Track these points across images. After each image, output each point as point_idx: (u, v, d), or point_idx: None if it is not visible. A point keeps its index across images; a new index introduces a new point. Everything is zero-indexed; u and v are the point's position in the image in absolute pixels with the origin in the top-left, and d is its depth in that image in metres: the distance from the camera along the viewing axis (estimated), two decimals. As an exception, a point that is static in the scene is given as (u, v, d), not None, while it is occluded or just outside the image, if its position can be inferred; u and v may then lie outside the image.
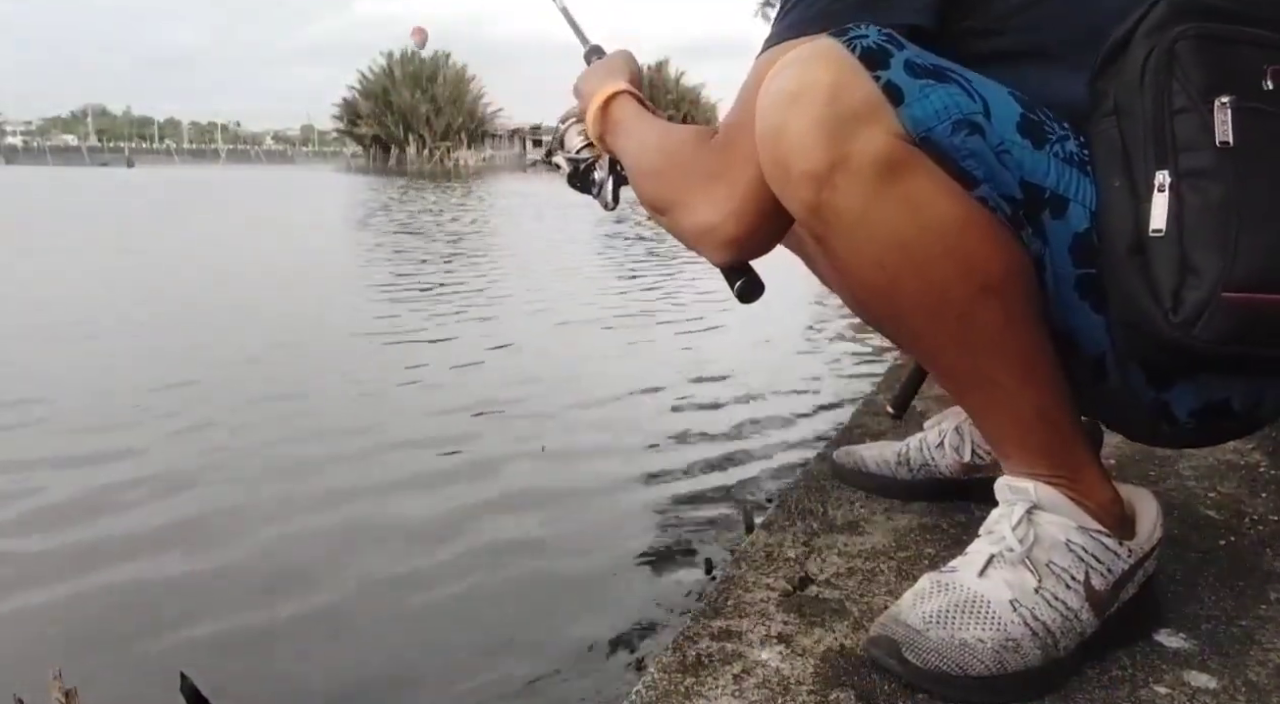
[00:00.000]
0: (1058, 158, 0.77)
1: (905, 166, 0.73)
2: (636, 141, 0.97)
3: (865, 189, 0.73)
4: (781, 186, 0.77)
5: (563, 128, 1.12)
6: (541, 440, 2.67)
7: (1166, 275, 0.69)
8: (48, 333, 4.29)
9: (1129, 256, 0.72)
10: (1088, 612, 0.82)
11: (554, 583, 1.76)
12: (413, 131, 49.92)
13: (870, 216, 0.74)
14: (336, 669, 1.48)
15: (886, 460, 1.27)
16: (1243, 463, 1.42)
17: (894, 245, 0.75)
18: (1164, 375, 0.80)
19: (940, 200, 0.74)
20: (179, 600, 1.72)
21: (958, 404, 0.91)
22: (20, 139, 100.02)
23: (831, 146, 0.73)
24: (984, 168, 0.75)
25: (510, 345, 4.09)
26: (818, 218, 0.76)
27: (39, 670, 1.22)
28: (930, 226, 0.74)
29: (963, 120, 0.74)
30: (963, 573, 0.84)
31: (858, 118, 0.73)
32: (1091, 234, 0.77)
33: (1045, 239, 0.77)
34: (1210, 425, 0.83)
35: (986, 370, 0.79)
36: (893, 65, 0.74)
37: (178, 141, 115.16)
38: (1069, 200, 0.77)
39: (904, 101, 0.73)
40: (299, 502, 2.20)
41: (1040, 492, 0.82)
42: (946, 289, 0.75)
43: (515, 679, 1.43)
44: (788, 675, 0.83)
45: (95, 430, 2.76)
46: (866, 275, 0.78)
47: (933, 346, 0.81)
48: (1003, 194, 0.76)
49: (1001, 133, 0.76)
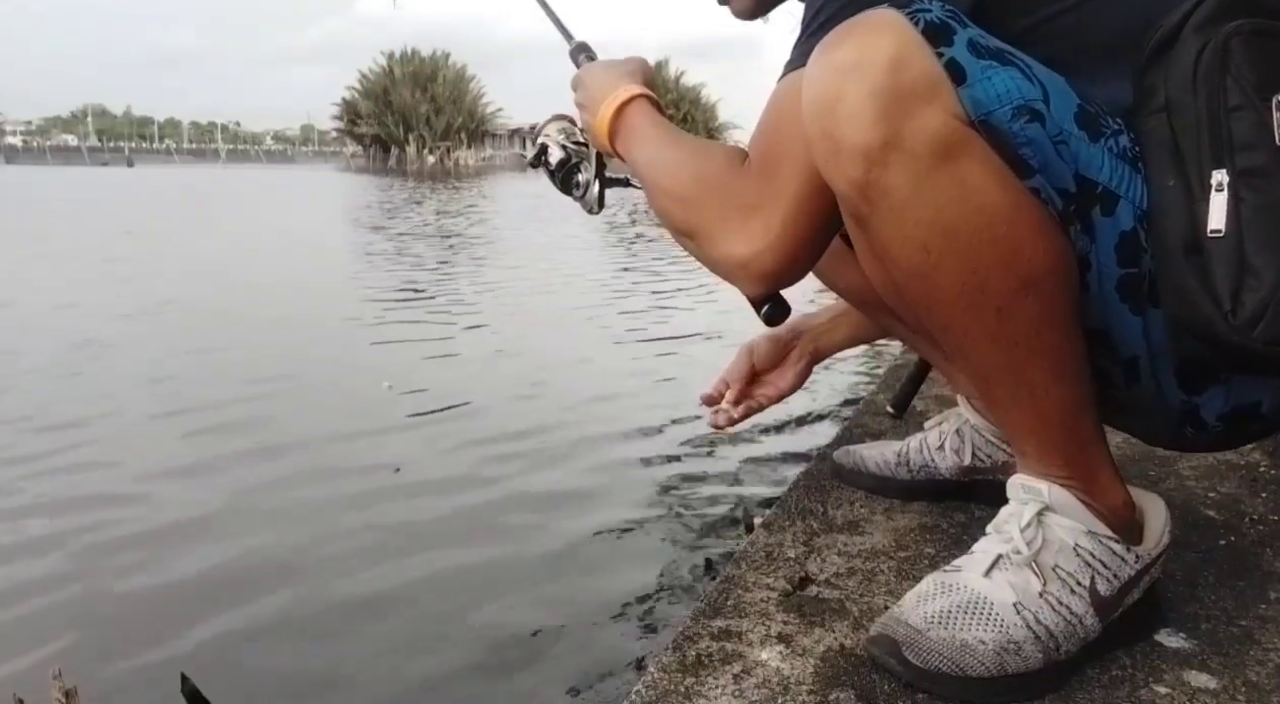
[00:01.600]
0: (1112, 153, 0.75)
1: (961, 149, 0.71)
2: (658, 155, 0.92)
3: (918, 169, 0.71)
4: (828, 161, 0.74)
5: (543, 125, 1.09)
6: (542, 442, 2.67)
7: (1225, 276, 0.67)
8: (51, 333, 4.29)
9: (1185, 257, 0.70)
10: (1092, 617, 0.81)
11: (554, 583, 1.76)
12: (413, 131, 49.89)
13: (920, 198, 0.72)
14: (336, 671, 1.48)
15: (886, 461, 1.27)
16: (1243, 463, 1.42)
17: (940, 230, 0.72)
18: (1198, 380, 0.79)
19: (992, 188, 0.72)
20: (179, 601, 1.72)
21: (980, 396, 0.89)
22: (20, 139, 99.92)
23: (887, 122, 0.70)
24: (1040, 157, 0.73)
25: (509, 346, 4.09)
26: (864, 196, 0.74)
27: (39, 670, 1.22)
28: (980, 213, 0.72)
29: (1023, 106, 0.72)
30: (967, 573, 0.83)
31: (917, 94, 0.70)
32: (1137, 234, 0.75)
33: (1093, 236, 0.75)
34: (1236, 429, 0.82)
35: (1017, 366, 0.77)
36: (956, 43, 0.72)
37: (178, 141, 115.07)
38: (1120, 197, 0.75)
39: (966, 81, 0.71)
40: (299, 502, 2.20)
41: (1053, 493, 0.81)
42: (988, 279, 0.73)
43: (515, 679, 1.43)
44: (788, 675, 0.83)
45: (95, 430, 2.76)
46: (908, 258, 0.75)
47: (965, 338, 0.79)
48: (1056, 186, 0.74)
49: (1060, 122, 0.73)
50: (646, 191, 0.95)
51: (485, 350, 3.97)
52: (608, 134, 0.97)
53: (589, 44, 1.14)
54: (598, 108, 0.98)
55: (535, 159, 1.09)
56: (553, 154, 1.08)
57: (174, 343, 4.10)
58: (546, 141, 1.09)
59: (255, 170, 48.19)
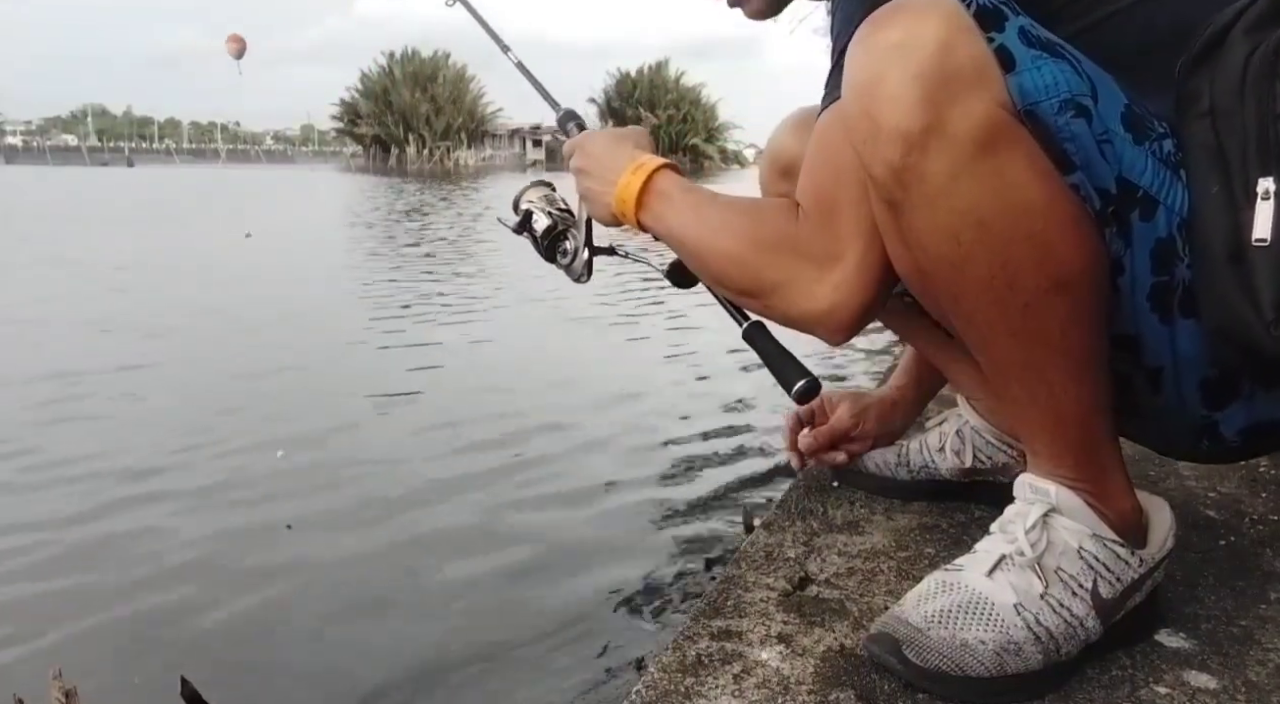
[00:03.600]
0: (1156, 157, 0.73)
1: (1004, 139, 0.69)
2: (704, 219, 0.89)
3: (958, 157, 0.69)
4: (866, 142, 0.72)
5: (523, 191, 1.07)
6: (542, 444, 2.67)
7: (1268, 285, 0.65)
8: (56, 334, 4.29)
9: (1228, 264, 0.68)
10: (1093, 619, 0.81)
11: (554, 583, 1.76)
12: (413, 131, 49.88)
13: (957, 187, 0.70)
14: (336, 672, 1.48)
15: (886, 461, 1.27)
16: (1243, 463, 1.42)
17: (975, 221, 0.71)
18: (1221, 396, 0.78)
19: (1032, 182, 0.70)
20: (179, 602, 1.72)
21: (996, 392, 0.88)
22: (20, 139, 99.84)
23: (930, 106, 0.68)
24: (1083, 154, 0.71)
25: (509, 346, 4.09)
26: (899, 181, 0.71)
27: (39, 670, 1.22)
28: (1017, 207, 0.70)
29: (1070, 100, 0.70)
30: (969, 572, 0.83)
31: (963, 79, 0.68)
32: (1174, 241, 0.73)
33: (1129, 241, 0.74)
34: (1254, 443, 0.82)
35: (1037, 363, 0.76)
36: (1007, 29, 0.70)
37: (178, 141, 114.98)
38: (1159, 203, 0.73)
39: (1015, 69, 0.69)
40: (300, 503, 2.20)
41: (1061, 495, 0.81)
42: (1018, 275, 0.71)
43: (515, 679, 1.43)
44: (788, 675, 0.83)
45: (96, 431, 2.76)
46: (938, 247, 0.73)
47: (988, 331, 0.77)
48: (1097, 186, 0.72)
49: (1106, 121, 0.72)
50: (691, 260, 0.92)
51: (482, 347, 3.97)
52: (634, 205, 0.93)
53: (576, 112, 1.13)
54: (618, 176, 0.94)
55: (520, 226, 1.06)
56: (538, 221, 1.05)
57: (173, 344, 4.10)
58: (531, 208, 1.06)
59: (256, 170, 48.18)
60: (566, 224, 1.04)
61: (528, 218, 1.06)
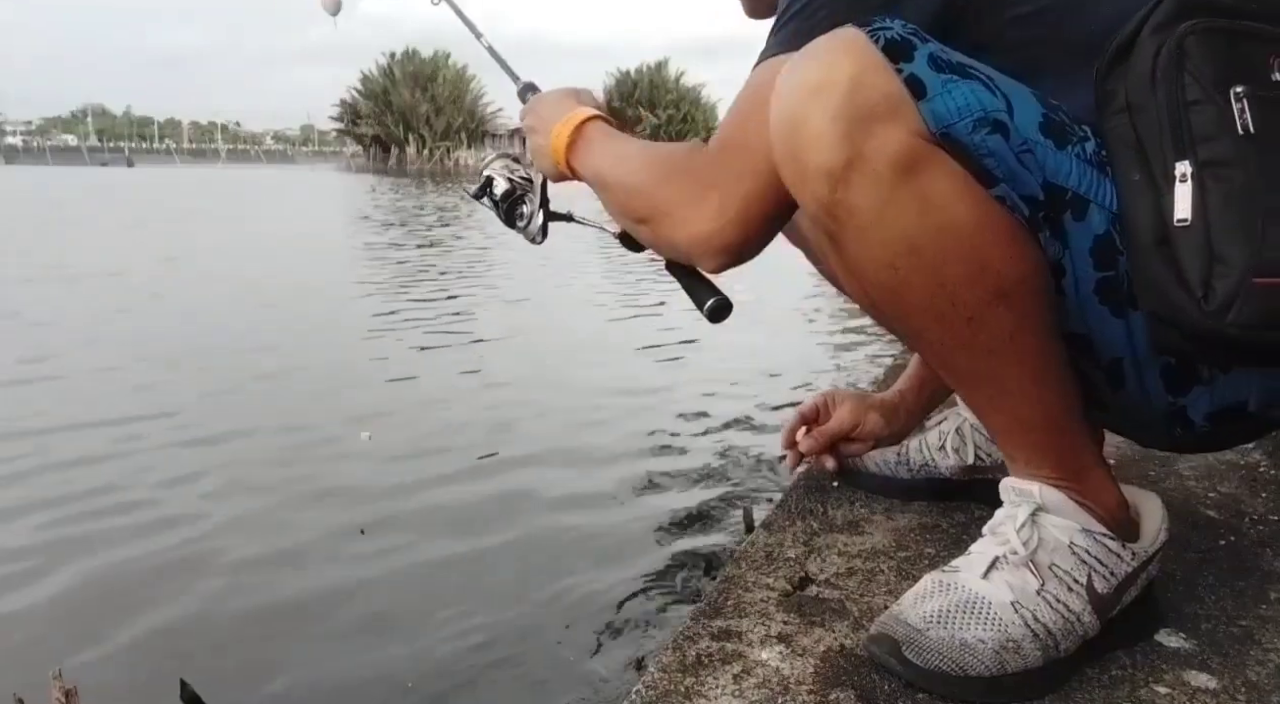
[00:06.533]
0: (1080, 158, 0.76)
1: (923, 166, 0.72)
2: (616, 157, 0.95)
3: (881, 188, 0.72)
4: (795, 182, 0.76)
5: (488, 161, 1.12)
6: (541, 442, 2.67)
7: (1195, 265, 0.68)
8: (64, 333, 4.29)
9: (1155, 248, 0.71)
10: (1090, 614, 0.82)
11: (553, 582, 1.76)
12: (413, 131, 49.89)
13: (885, 217, 0.73)
14: (336, 674, 1.48)
15: (886, 460, 1.27)
16: (1243, 463, 1.42)
17: (907, 247, 0.73)
18: (1182, 381, 0.79)
19: (957, 202, 0.72)
20: (180, 602, 1.72)
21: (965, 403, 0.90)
22: (20, 139, 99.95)
23: (849, 143, 0.71)
24: (1004, 167, 0.73)
25: (508, 346, 4.09)
26: (831, 216, 0.75)
27: (39, 670, 1.22)
28: (945, 229, 0.72)
29: (984, 117, 0.72)
30: (965, 573, 0.83)
31: (877, 114, 0.71)
32: (1112, 237, 0.75)
33: (1066, 242, 0.76)
34: (1226, 428, 0.82)
35: (994, 372, 0.78)
36: (916, 58, 0.73)
37: (178, 141, 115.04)
38: (1090, 202, 0.76)
39: (926, 96, 0.72)
40: (299, 504, 2.20)
41: (1045, 494, 0.82)
42: (957, 292, 0.74)
43: (515, 679, 1.43)
44: (788, 675, 0.83)
45: (95, 429, 2.76)
46: (877, 276, 0.77)
47: (941, 349, 0.80)
48: (1023, 194, 0.74)
49: (1025, 132, 0.74)
50: (605, 195, 0.96)
51: (481, 347, 3.97)
52: (564, 151, 0.98)
53: (535, 83, 1.18)
54: (551, 127, 1.00)
55: (480, 190, 1.11)
56: (498, 185, 1.10)
57: (174, 346, 4.10)
58: (492, 175, 1.10)
59: (257, 170, 48.20)
60: (524, 189, 1.09)
61: (489, 184, 1.11)
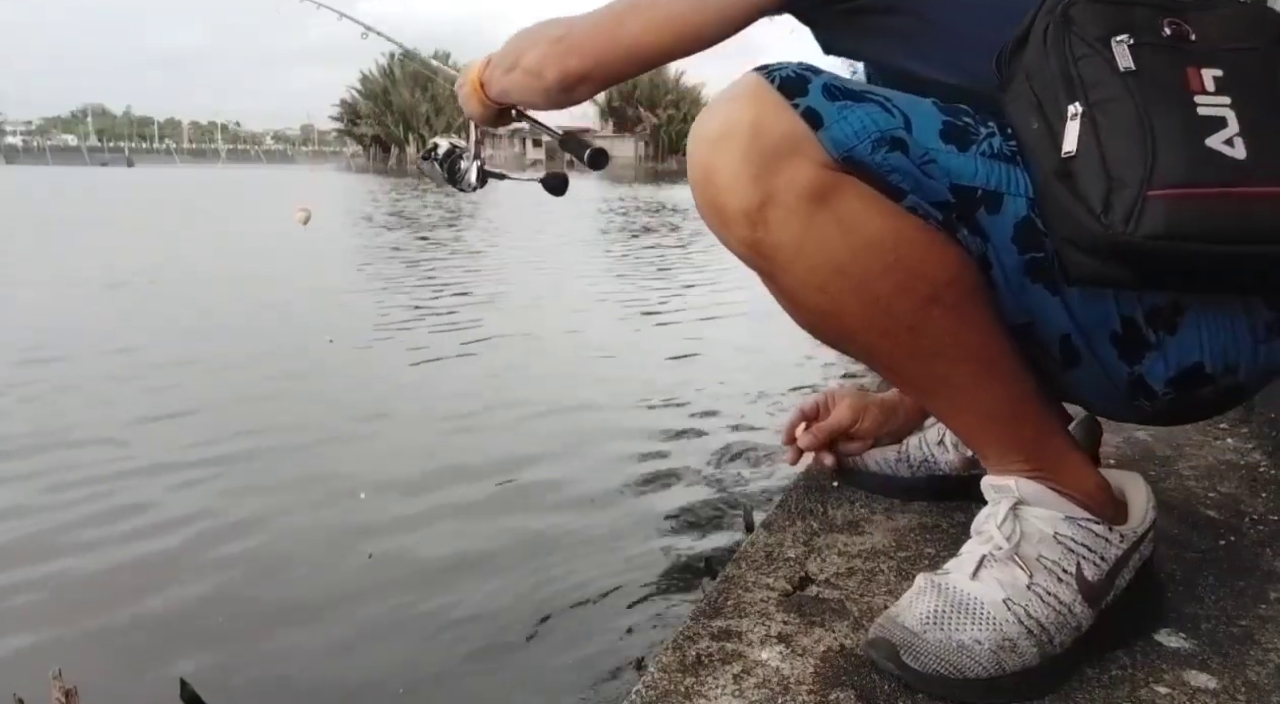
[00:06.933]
0: (985, 156, 0.79)
1: (833, 192, 0.75)
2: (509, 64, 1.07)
3: (797, 220, 0.75)
4: (719, 228, 0.80)
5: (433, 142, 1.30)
6: (542, 442, 2.67)
7: (1094, 187, 0.71)
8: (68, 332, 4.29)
9: (1057, 180, 0.74)
10: (1081, 604, 0.82)
11: (554, 582, 1.76)
12: (413, 131, 49.92)
13: (806, 246, 0.76)
14: (335, 673, 1.48)
15: (886, 459, 1.27)
16: (1243, 463, 1.42)
17: (834, 270, 0.77)
18: (1134, 347, 0.80)
19: (872, 219, 0.76)
20: (180, 603, 1.72)
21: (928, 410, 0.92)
22: (20, 139, 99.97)
23: (760, 184, 0.75)
24: (909, 180, 0.77)
25: (506, 345, 4.09)
26: (758, 253, 0.79)
27: (39, 670, 1.22)
28: (865, 247, 0.76)
29: (882, 137, 0.76)
30: (955, 575, 0.84)
31: (780, 152, 0.75)
32: (1033, 219, 0.78)
33: (986, 235, 0.78)
34: (1189, 394, 0.82)
35: (945, 375, 0.81)
36: (810, 91, 0.76)
37: (178, 141, 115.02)
38: (1003, 194, 0.78)
39: (824, 125, 0.75)
40: (300, 504, 2.20)
41: (1022, 486, 0.83)
42: (890, 304, 0.77)
43: (515, 679, 1.43)
44: (788, 675, 0.83)
45: (96, 427, 2.76)
46: (813, 301, 0.80)
47: (889, 361, 0.83)
48: (933, 201, 0.77)
49: (925, 144, 0.77)
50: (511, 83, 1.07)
51: (481, 347, 3.97)
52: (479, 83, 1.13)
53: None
54: (467, 77, 1.15)
55: (426, 154, 1.29)
56: (440, 148, 1.28)
57: (180, 348, 4.10)
58: (436, 142, 1.29)
59: (257, 170, 48.20)
60: (462, 151, 1.26)
61: (434, 148, 1.28)
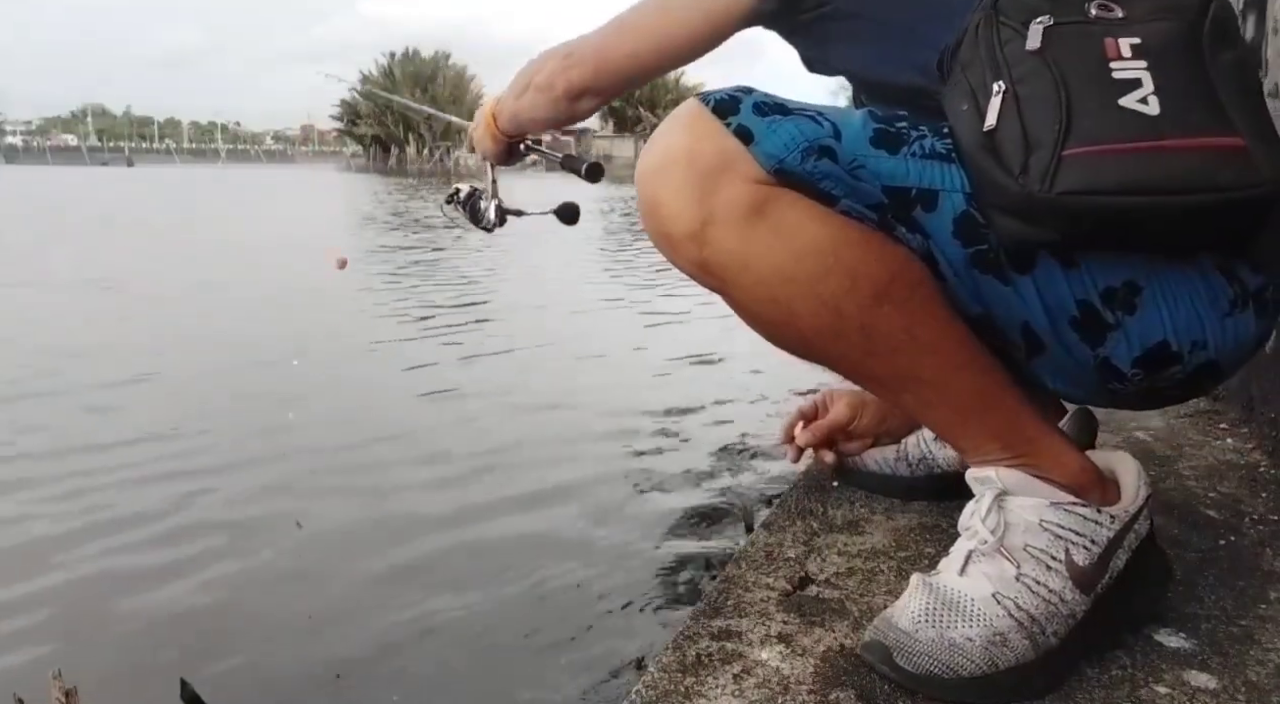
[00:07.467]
0: (917, 157, 0.81)
1: (768, 203, 0.77)
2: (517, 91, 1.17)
3: (738, 234, 0.78)
4: (670, 254, 0.82)
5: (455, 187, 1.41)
6: (542, 442, 2.67)
7: (1014, 154, 0.74)
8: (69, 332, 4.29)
9: (980, 151, 0.77)
10: (1073, 591, 0.81)
11: (554, 582, 1.76)
12: (413, 131, 49.97)
13: (750, 259, 0.78)
14: (336, 672, 1.48)
15: (885, 458, 1.27)
16: (1243, 463, 1.42)
17: (780, 279, 0.78)
18: (1095, 330, 0.81)
19: (808, 226, 0.78)
20: (180, 603, 1.72)
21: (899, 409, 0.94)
22: (20, 139, 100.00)
23: (700, 205, 0.78)
24: (841, 185, 0.79)
25: (508, 345, 4.09)
26: (708, 272, 0.81)
27: (39, 670, 1.22)
28: (806, 253, 0.78)
29: (810, 146, 0.78)
30: (945, 574, 0.84)
31: (715, 171, 0.77)
32: (972, 214, 0.79)
33: (926, 233, 0.80)
34: (1159, 373, 0.82)
35: (909, 371, 0.81)
36: (741, 110, 0.79)
37: (178, 141, 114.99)
38: (938, 191, 0.80)
39: (755, 140, 0.78)
40: (300, 507, 2.20)
41: (1004, 476, 0.82)
42: (839, 306, 0.78)
43: (515, 679, 1.43)
44: (788, 675, 0.83)
45: (96, 428, 2.76)
46: (767, 313, 0.82)
47: (850, 363, 0.84)
48: (866, 204, 0.79)
49: (854, 150, 0.80)
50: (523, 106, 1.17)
51: (481, 347, 3.97)
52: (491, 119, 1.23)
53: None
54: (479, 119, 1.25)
55: (449, 198, 1.41)
56: (462, 191, 1.40)
57: (185, 352, 4.10)
58: (458, 186, 1.41)
59: (257, 170, 48.19)
60: (480, 191, 1.38)
61: (456, 192, 1.40)
